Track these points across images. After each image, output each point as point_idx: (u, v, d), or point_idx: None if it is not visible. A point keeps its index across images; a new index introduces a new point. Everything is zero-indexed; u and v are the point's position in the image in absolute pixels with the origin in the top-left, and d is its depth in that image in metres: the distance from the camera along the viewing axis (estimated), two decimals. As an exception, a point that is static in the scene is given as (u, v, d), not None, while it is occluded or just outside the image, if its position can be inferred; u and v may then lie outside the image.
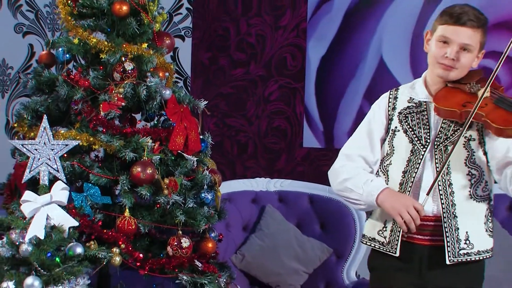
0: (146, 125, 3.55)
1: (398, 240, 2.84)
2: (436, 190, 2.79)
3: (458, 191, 2.81)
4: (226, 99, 5.25)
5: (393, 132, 2.92)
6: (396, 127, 2.91)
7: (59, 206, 2.93)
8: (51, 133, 3.02)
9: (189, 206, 3.39)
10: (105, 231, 3.22)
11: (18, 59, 5.50)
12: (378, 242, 2.91)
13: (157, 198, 3.30)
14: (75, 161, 3.26)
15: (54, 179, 3.00)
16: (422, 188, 2.83)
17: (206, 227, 3.47)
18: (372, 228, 2.95)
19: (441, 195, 2.80)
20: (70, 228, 2.94)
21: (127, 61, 3.37)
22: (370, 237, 2.95)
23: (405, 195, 2.81)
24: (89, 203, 3.24)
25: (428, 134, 2.85)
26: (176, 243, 3.32)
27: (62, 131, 3.30)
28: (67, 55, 3.49)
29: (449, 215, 2.79)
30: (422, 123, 2.87)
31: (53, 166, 3.00)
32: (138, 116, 3.66)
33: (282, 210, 4.65)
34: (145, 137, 3.32)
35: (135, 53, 3.41)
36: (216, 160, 3.80)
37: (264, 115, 5.19)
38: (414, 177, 2.82)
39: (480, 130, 2.82)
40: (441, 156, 2.81)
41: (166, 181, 3.30)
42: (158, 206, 3.32)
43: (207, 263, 3.44)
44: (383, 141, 2.96)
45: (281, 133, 5.17)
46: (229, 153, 5.24)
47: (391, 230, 2.86)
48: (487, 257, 2.87)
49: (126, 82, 3.33)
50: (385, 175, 2.91)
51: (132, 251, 3.24)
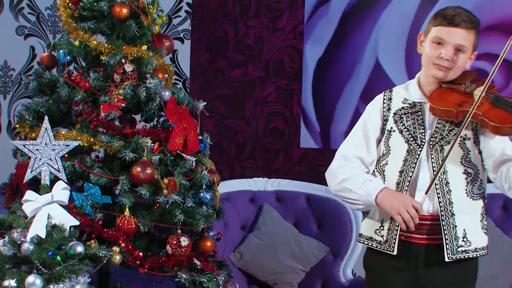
0: (145, 125, 3.55)
1: (395, 238, 2.84)
2: (433, 189, 2.80)
3: (455, 190, 2.81)
4: (224, 100, 5.25)
5: (388, 132, 2.92)
6: (391, 128, 2.92)
7: (60, 205, 2.93)
8: (52, 133, 3.03)
9: (188, 205, 3.39)
10: (105, 230, 3.21)
11: (20, 61, 5.50)
12: (375, 241, 2.91)
13: (156, 197, 3.30)
14: (76, 161, 3.26)
15: (55, 179, 3.00)
16: (417, 187, 2.83)
17: (205, 226, 3.47)
18: (369, 227, 2.95)
19: (438, 194, 2.80)
20: (71, 227, 2.94)
21: (127, 63, 3.37)
22: (367, 236, 2.95)
23: (403, 194, 2.81)
24: (89, 203, 3.23)
25: (423, 134, 2.86)
26: (175, 242, 3.32)
27: (63, 132, 3.30)
28: (68, 57, 3.48)
29: (446, 213, 2.79)
30: (417, 124, 2.88)
31: (54, 166, 3.00)
32: (138, 117, 3.65)
33: (279, 209, 4.65)
34: (144, 137, 3.32)
35: (135, 55, 3.41)
36: (214, 160, 3.80)
37: (262, 116, 5.19)
38: (411, 176, 2.83)
39: (474, 129, 2.84)
40: (437, 155, 2.82)
41: (166, 181, 3.30)
42: (158, 205, 3.32)
43: (206, 262, 3.44)
44: (379, 141, 2.96)
45: (278, 133, 5.17)
46: (227, 153, 5.24)
47: (389, 229, 2.87)
48: (483, 254, 2.88)
49: (126, 84, 3.33)
50: (381, 175, 2.91)
51: (132, 250, 3.24)
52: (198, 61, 5.30)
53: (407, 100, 2.93)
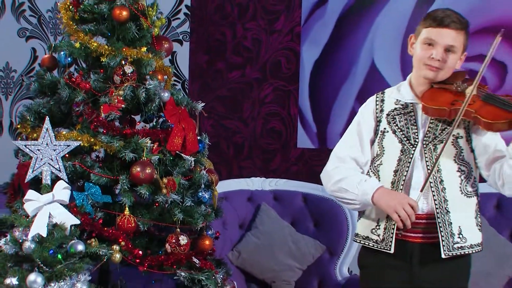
0: (145, 126, 3.55)
1: (392, 237, 2.84)
2: (427, 188, 2.80)
3: (449, 187, 2.82)
4: (222, 101, 5.25)
5: (382, 133, 2.93)
6: (385, 128, 2.92)
7: (61, 204, 2.93)
8: (53, 134, 3.03)
9: (187, 204, 3.39)
10: (105, 229, 3.21)
11: (21, 63, 5.50)
12: (371, 240, 2.91)
13: (156, 197, 3.30)
14: (77, 161, 3.26)
15: (56, 179, 3.01)
16: (412, 186, 2.84)
17: (203, 225, 3.48)
18: (365, 227, 2.95)
19: (433, 192, 2.81)
20: (71, 226, 2.94)
21: (127, 64, 3.37)
22: (364, 235, 2.95)
23: (399, 193, 2.82)
24: (90, 202, 3.23)
25: (416, 134, 2.86)
26: (174, 241, 3.32)
27: (64, 132, 3.30)
28: (69, 59, 3.48)
29: (442, 211, 2.80)
30: (410, 124, 2.88)
31: (55, 166, 3.00)
32: (137, 117, 3.65)
33: (277, 208, 4.65)
34: (144, 138, 3.32)
35: (135, 56, 3.41)
36: (213, 160, 3.80)
37: (259, 117, 5.19)
38: (405, 175, 2.83)
39: (467, 128, 2.85)
40: (430, 154, 2.82)
41: (165, 180, 3.30)
42: (157, 204, 3.32)
43: (204, 260, 3.44)
44: (373, 142, 2.96)
45: (276, 134, 5.17)
46: (225, 153, 5.24)
47: (385, 228, 2.87)
48: (478, 250, 2.89)
49: (126, 85, 3.33)
50: (375, 175, 2.91)
51: (131, 248, 3.24)
52: (197, 62, 5.30)
53: (400, 101, 2.94)
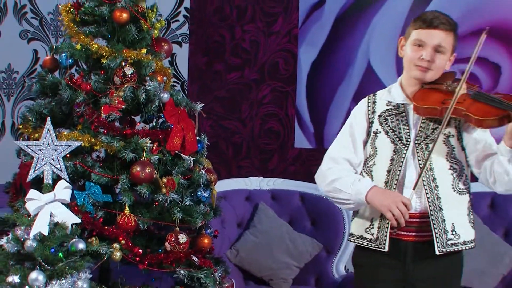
0: (145, 126, 3.55)
1: (386, 236, 2.84)
2: (420, 186, 2.81)
3: (442, 185, 2.82)
4: (221, 102, 5.25)
5: (374, 134, 2.93)
6: (377, 129, 2.93)
7: (62, 204, 2.93)
8: (55, 134, 3.03)
9: (186, 204, 3.39)
10: (106, 228, 3.21)
11: (23, 64, 5.49)
12: (366, 239, 2.91)
13: (155, 196, 3.30)
14: (78, 161, 3.26)
15: (57, 178, 3.00)
16: (405, 185, 2.84)
17: (202, 224, 3.47)
18: (359, 226, 2.95)
19: (426, 190, 2.81)
20: (72, 225, 2.94)
21: (127, 65, 3.37)
22: (358, 235, 2.95)
23: (392, 192, 2.82)
24: (90, 201, 3.23)
25: (408, 134, 2.87)
26: (173, 239, 3.32)
27: (65, 133, 3.30)
28: (70, 60, 3.48)
29: (435, 208, 2.80)
30: (402, 124, 2.89)
31: (56, 166, 3.00)
32: (137, 118, 3.65)
33: (274, 207, 4.66)
34: (144, 138, 3.31)
35: (135, 58, 3.41)
36: (211, 160, 3.80)
37: (257, 117, 5.20)
38: (398, 175, 2.84)
39: (457, 127, 2.86)
40: (423, 153, 2.83)
41: (164, 180, 3.30)
42: (157, 204, 3.32)
43: (203, 258, 3.44)
44: (365, 143, 2.97)
45: (273, 134, 5.18)
46: (224, 153, 5.25)
47: (379, 227, 2.86)
48: (472, 247, 2.88)
49: (126, 86, 3.33)
50: (369, 176, 2.92)
51: (131, 247, 3.24)
52: (196, 64, 5.30)
53: (391, 102, 2.94)
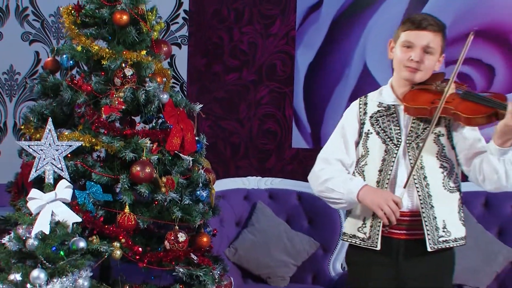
0: (145, 127, 3.55)
1: (378, 234, 2.84)
2: (411, 184, 2.81)
3: (432, 183, 2.83)
4: (220, 103, 5.25)
5: (366, 135, 2.94)
6: (368, 130, 2.93)
7: (63, 203, 2.93)
8: (56, 134, 3.03)
9: (185, 203, 3.39)
10: (106, 227, 3.21)
11: (25, 66, 5.49)
12: (358, 238, 2.91)
13: (155, 195, 3.30)
14: (78, 161, 3.26)
15: (58, 178, 3.00)
16: (397, 184, 2.84)
17: (201, 223, 3.48)
18: (352, 225, 2.95)
19: (417, 188, 2.81)
20: (73, 223, 2.94)
21: (127, 67, 3.37)
22: (351, 234, 2.95)
23: (384, 190, 2.82)
24: (91, 200, 3.23)
25: (399, 134, 2.88)
26: (173, 238, 3.32)
27: (66, 133, 3.30)
28: (71, 62, 3.48)
29: (426, 206, 2.81)
30: (393, 125, 2.89)
31: (57, 166, 3.00)
32: (137, 118, 3.65)
33: (272, 206, 4.66)
34: (144, 138, 3.31)
35: (135, 59, 3.41)
36: (210, 160, 3.80)
37: (255, 118, 5.20)
38: (390, 174, 2.84)
39: (447, 126, 2.86)
40: (414, 153, 2.83)
41: (164, 179, 3.30)
42: (156, 203, 3.32)
43: (202, 256, 3.44)
44: (357, 144, 2.97)
45: (271, 134, 5.18)
46: (223, 153, 5.25)
47: (371, 226, 2.87)
48: (462, 244, 2.89)
49: (126, 87, 3.33)
50: (361, 175, 2.92)
51: (131, 245, 3.24)
52: (195, 65, 5.30)
53: (382, 103, 2.95)
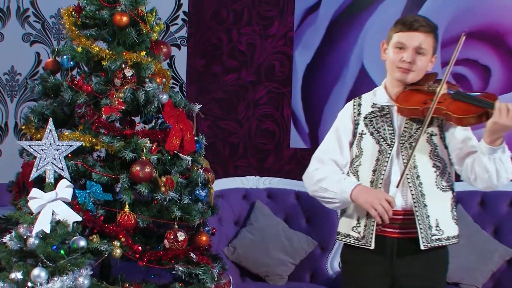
0: (144, 127, 3.55)
1: (372, 234, 2.85)
2: (405, 183, 2.82)
3: (425, 182, 2.83)
4: (219, 103, 5.25)
5: (360, 135, 2.94)
6: (362, 131, 2.94)
7: (64, 202, 2.93)
8: (56, 134, 3.03)
9: (184, 202, 3.39)
10: (106, 226, 3.21)
11: (26, 66, 5.49)
12: (353, 238, 2.91)
13: (154, 195, 3.30)
14: (79, 160, 3.26)
15: (59, 177, 3.01)
16: (391, 183, 2.84)
17: (200, 222, 3.48)
18: (346, 225, 2.95)
19: (410, 187, 2.82)
20: (74, 222, 2.94)
21: (127, 68, 3.37)
22: (345, 233, 2.95)
23: (376, 190, 2.83)
24: (91, 200, 3.23)
25: (392, 135, 2.88)
26: (172, 237, 3.32)
27: (66, 133, 3.30)
28: (71, 62, 3.48)
29: (419, 204, 2.81)
30: (386, 125, 2.90)
31: (58, 165, 3.01)
32: (137, 119, 3.66)
33: (270, 206, 4.66)
34: (143, 138, 3.32)
35: (134, 60, 3.41)
36: (209, 159, 3.80)
37: (254, 118, 5.20)
38: (383, 174, 2.84)
39: (440, 126, 2.87)
40: (407, 153, 2.83)
41: (163, 179, 3.31)
42: (156, 202, 3.32)
43: (201, 255, 3.44)
44: (351, 144, 2.97)
45: (269, 134, 5.18)
46: (221, 153, 5.25)
47: (365, 225, 2.87)
48: (455, 242, 2.89)
49: (126, 87, 3.33)
50: (355, 175, 2.92)
51: (131, 244, 3.24)
52: (194, 66, 5.30)
53: (376, 104, 2.95)
